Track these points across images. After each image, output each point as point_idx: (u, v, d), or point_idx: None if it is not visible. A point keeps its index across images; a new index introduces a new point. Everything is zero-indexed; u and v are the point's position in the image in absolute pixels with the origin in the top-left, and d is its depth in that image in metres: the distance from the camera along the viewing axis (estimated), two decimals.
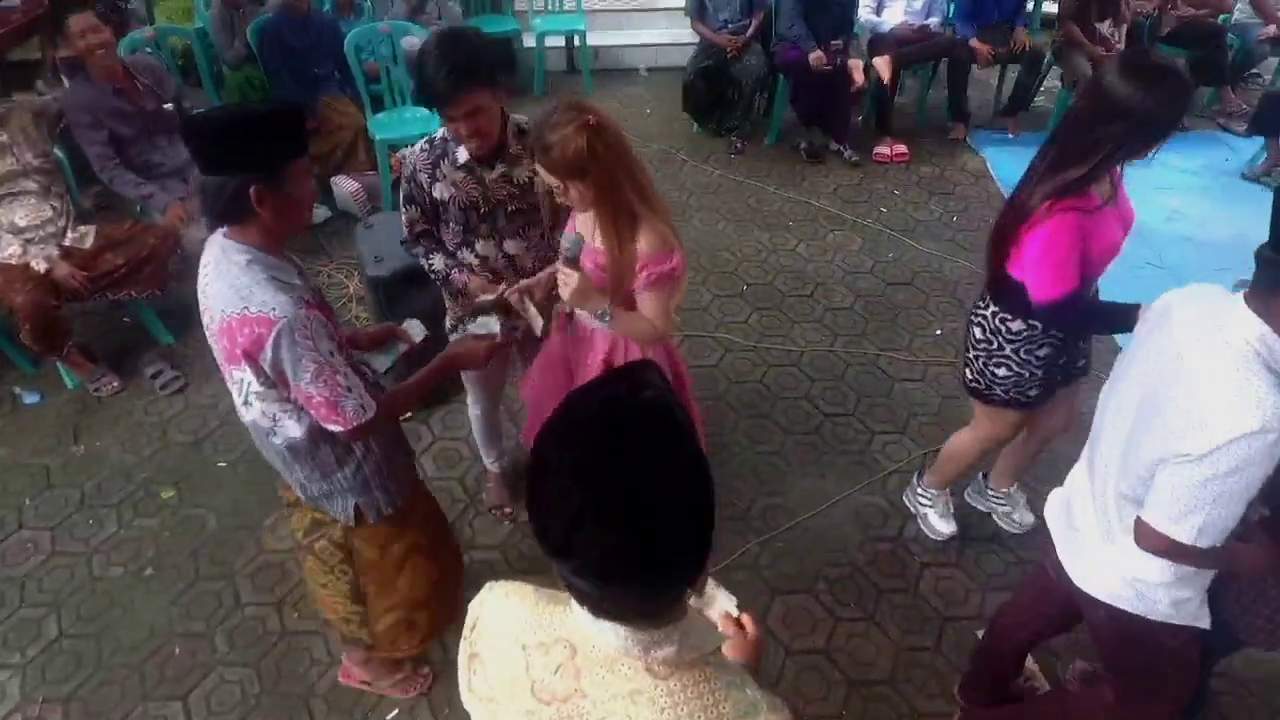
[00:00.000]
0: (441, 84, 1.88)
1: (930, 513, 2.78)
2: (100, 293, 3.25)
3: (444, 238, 2.29)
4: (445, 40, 1.93)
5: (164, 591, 2.64)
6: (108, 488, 2.99)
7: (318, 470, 1.77)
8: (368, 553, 1.95)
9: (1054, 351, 2.23)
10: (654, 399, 0.83)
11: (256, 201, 1.51)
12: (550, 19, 5.85)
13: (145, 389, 3.39)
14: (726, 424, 3.22)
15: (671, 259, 1.83)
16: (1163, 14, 5.41)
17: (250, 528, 2.82)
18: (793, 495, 2.93)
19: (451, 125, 2.00)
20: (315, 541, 1.92)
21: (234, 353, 1.56)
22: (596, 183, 1.74)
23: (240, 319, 1.52)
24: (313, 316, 1.56)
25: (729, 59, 4.97)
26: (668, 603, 0.88)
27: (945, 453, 2.66)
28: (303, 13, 4.24)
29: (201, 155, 1.53)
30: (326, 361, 1.56)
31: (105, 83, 3.39)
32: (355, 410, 1.61)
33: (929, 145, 5.23)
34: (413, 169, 2.17)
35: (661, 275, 1.84)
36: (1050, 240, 1.95)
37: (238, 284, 1.54)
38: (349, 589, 1.98)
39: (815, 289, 3.97)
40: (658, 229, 1.82)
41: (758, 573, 2.67)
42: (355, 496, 1.84)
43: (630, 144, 1.82)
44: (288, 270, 1.61)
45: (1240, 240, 3.58)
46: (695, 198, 4.70)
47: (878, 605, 2.58)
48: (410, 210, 2.24)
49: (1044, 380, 2.28)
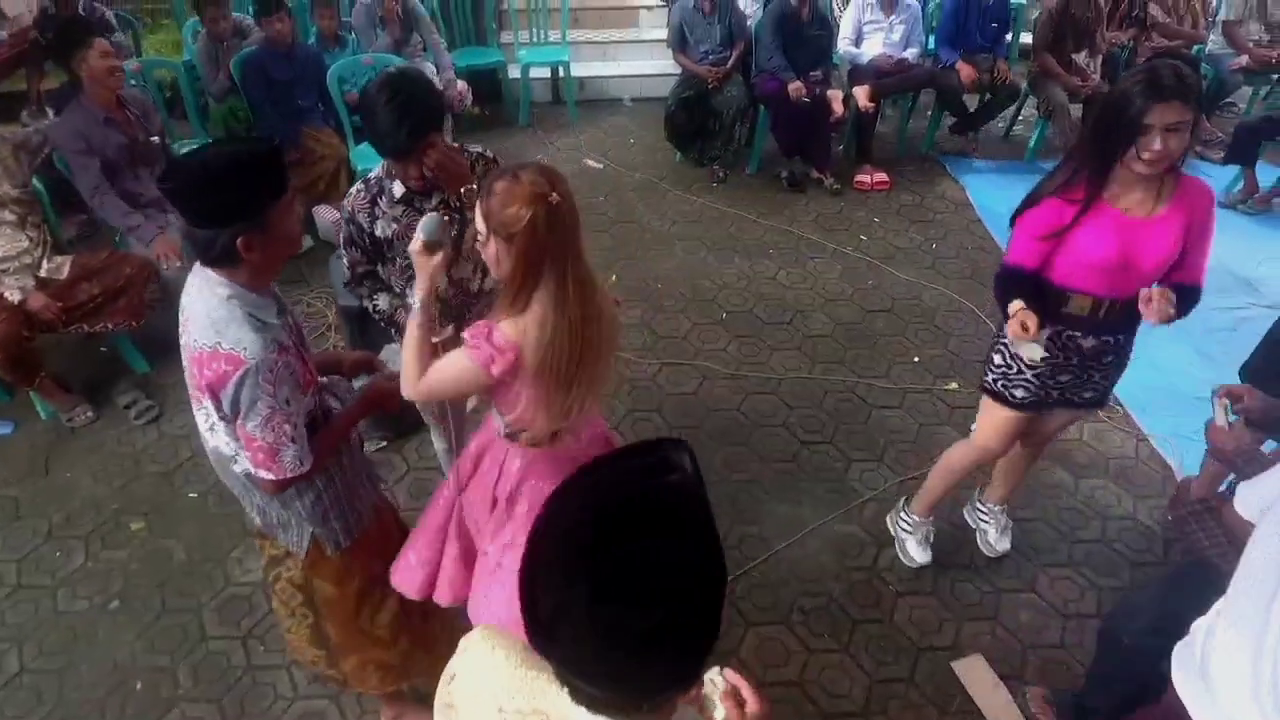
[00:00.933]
0: (404, 139, 1.91)
1: (909, 539, 2.77)
2: (76, 324, 3.23)
3: (389, 276, 2.29)
4: (393, 93, 1.92)
5: (129, 625, 2.60)
6: (77, 519, 2.96)
7: (277, 499, 1.75)
8: (325, 589, 1.90)
9: (1049, 356, 2.18)
10: (680, 483, 0.79)
11: (245, 249, 1.51)
12: (535, 50, 5.92)
13: (119, 418, 3.37)
14: (704, 452, 3.20)
15: (504, 355, 1.55)
16: (1138, 45, 5.49)
17: (219, 560, 2.79)
18: (769, 524, 2.91)
19: (404, 168, 2.01)
20: (275, 582, 1.89)
21: (201, 383, 1.55)
22: (520, 256, 1.53)
23: (211, 353, 1.51)
24: (281, 361, 1.55)
25: (710, 90, 5.02)
26: (664, 698, 0.85)
27: (935, 470, 2.65)
28: (286, 45, 4.28)
29: (187, 210, 1.51)
30: (280, 409, 1.55)
31: (98, 110, 3.40)
32: (292, 462, 1.60)
33: (909, 173, 5.28)
34: (351, 211, 2.17)
35: (477, 353, 1.57)
36: (1026, 214, 2.09)
37: (214, 316, 1.53)
38: (309, 632, 1.94)
39: (795, 316, 3.98)
40: (526, 327, 1.55)
41: (732, 604, 2.64)
42: (313, 527, 1.81)
43: (579, 234, 1.60)
44: (268, 308, 1.60)
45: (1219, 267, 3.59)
46: (677, 226, 4.73)
47: (852, 636, 2.55)
48: (351, 252, 2.24)
49: (1033, 385, 2.27)
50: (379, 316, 2.31)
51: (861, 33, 5.10)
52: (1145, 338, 2.28)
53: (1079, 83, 5.03)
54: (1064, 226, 2.01)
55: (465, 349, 1.60)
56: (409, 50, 5.00)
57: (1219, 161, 5.33)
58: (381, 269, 2.29)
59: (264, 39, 4.30)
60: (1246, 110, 5.89)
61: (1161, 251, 2.00)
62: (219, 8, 4.44)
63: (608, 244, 4.55)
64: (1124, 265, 2.01)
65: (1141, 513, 2.96)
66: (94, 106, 3.37)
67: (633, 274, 4.29)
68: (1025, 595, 2.67)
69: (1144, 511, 2.96)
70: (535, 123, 5.93)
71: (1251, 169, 4.83)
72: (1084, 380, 2.29)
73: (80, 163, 3.35)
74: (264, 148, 1.55)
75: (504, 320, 1.58)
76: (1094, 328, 2.16)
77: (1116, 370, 2.32)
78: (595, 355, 1.63)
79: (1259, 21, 5.45)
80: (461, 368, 1.61)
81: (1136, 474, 3.12)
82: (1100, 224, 1.99)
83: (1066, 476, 3.09)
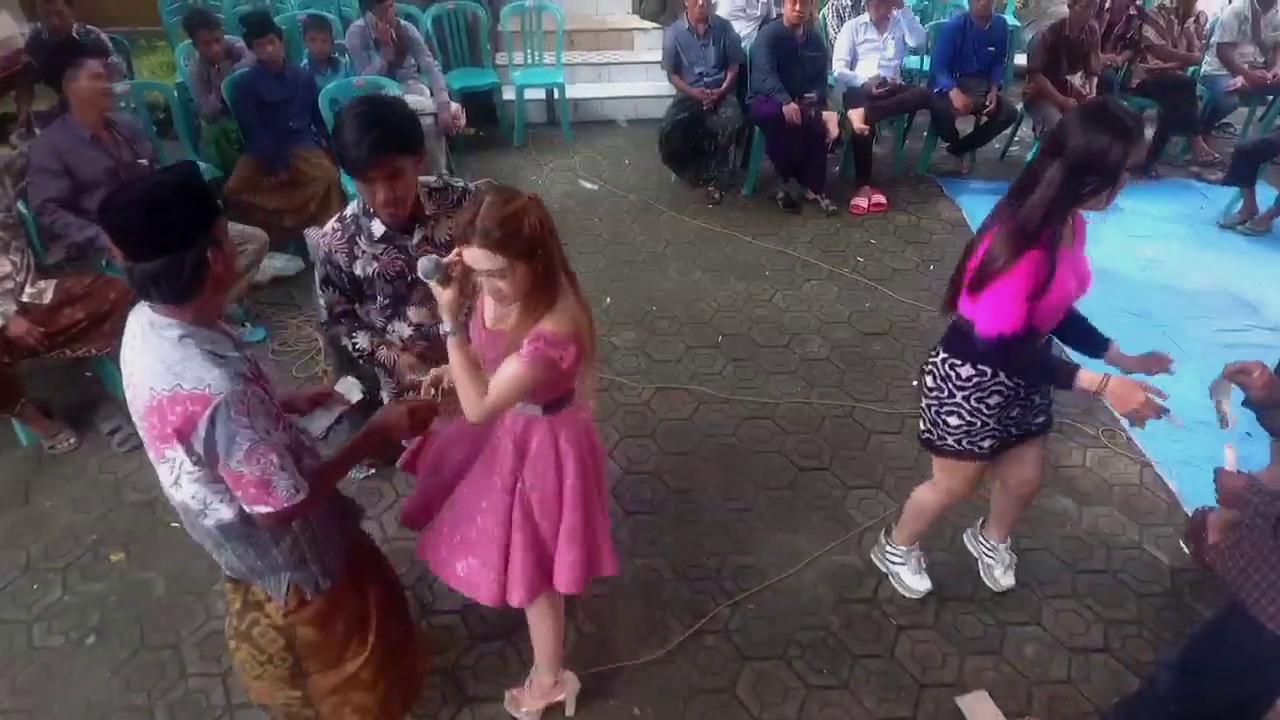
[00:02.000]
0: (365, 151, 1.85)
1: (902, 570, 2.70)
2: (58, 349, 3.17)
3: (367, 314, 2.23)
4: (366, 109, 1.89)
5: (106, 661, 2.51)
6: (55, 550, 2.87)
7: (252, 549, 1.68)
8: (308, 634, 1.83)
9: (1004, 400, 2.18)
10: None
11: (215, 263, 1.46)
12: (529, 72, 5.91)
13: (101, 445, 3.30)
14: (698, 479, 3.14)
15: (568, 350, 1.69)
16: (1133, 66, 5.50)
17: (199, 593, 2.71)
18: (765, 554, 2.83)
19: (368, 190, 1.94)
20: (252, 627, 1.81)
21: (165, 431, 1.47)
22: (545, 255, 1.64)
23: (171, 396, 1.44)
24: (251, 391, 1.48)
25: (705, 112, 5.01)
26: None
27: (908, 507, 2.60)
28: (278, 67, 4.25)
29: (126, 240, 1.43)
30: (262, 439, 1.48)
31: (84, 130, 3.36)
32: (288, 491, 1.53)
33: (905, 194, 5.26)
34: (328, 251, 2.11)
35: (543, 355, 1.66)
36: (1011, 278, 1.92)
37: (168, 360, 1.46)
38: (288, 674, 1.86)
39: (791, 339, 3.92)
40: (571, 313, 1.70)
41: (727, 637, 2.56)
42: (290, 573, 1.74)
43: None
44: (223, 342, 1.54)
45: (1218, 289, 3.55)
46: (672, 248, 4.69)
47: (852, 671, 2.47)
48: (328, 293, 2.18)
49: (996, 431, 2.24)
50: (358, 354, 2.25)
51: (856, 54, 5.09)
52: None
53: (1075, 104, 5.02)
54: (1043, 281, 1.92)
55: (521, 360, 1.68)
56: (402, 73, 4.98)
57: (1217, 182, 5.33)
58: (360, 307, 2.22)
59: (256, 61, 4.27)
60: (1243, 131, 5.89)
61: (1087, 271, 2.05)
62: (211, 31, 4.42)
63: (601, 265, 4.50)
64: (1078, 294, 2.05)
65: (1147, 541, 2.89)
66: (80, 126, 3.33)
67: (627, 296, 4.24)
68: (1030, 628, 2.59)
69: (1150, 540, 2.89)
70: (530, 144, 5.91)
71: (1251, 190, 4.81)
72: (1030, 406, 2.29)
73: (41, 181, 3.31)
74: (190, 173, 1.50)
75: (545, 323, 1.68)
76: None
77: (1048, 390, 2.33)
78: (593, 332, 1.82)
79: (1253, 43, 5.46)
80: (522, 377, 1.69)
81: (1141, 501, 3.05)
82: (1062, 265, 1.94)
83: (1070, 504, 3.02)
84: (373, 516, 2.95)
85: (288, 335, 3.93)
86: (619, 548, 2.37)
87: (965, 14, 5.13)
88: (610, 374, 3.66)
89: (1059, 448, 3.23)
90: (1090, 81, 5.15)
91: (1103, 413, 3.46)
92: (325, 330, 2.34)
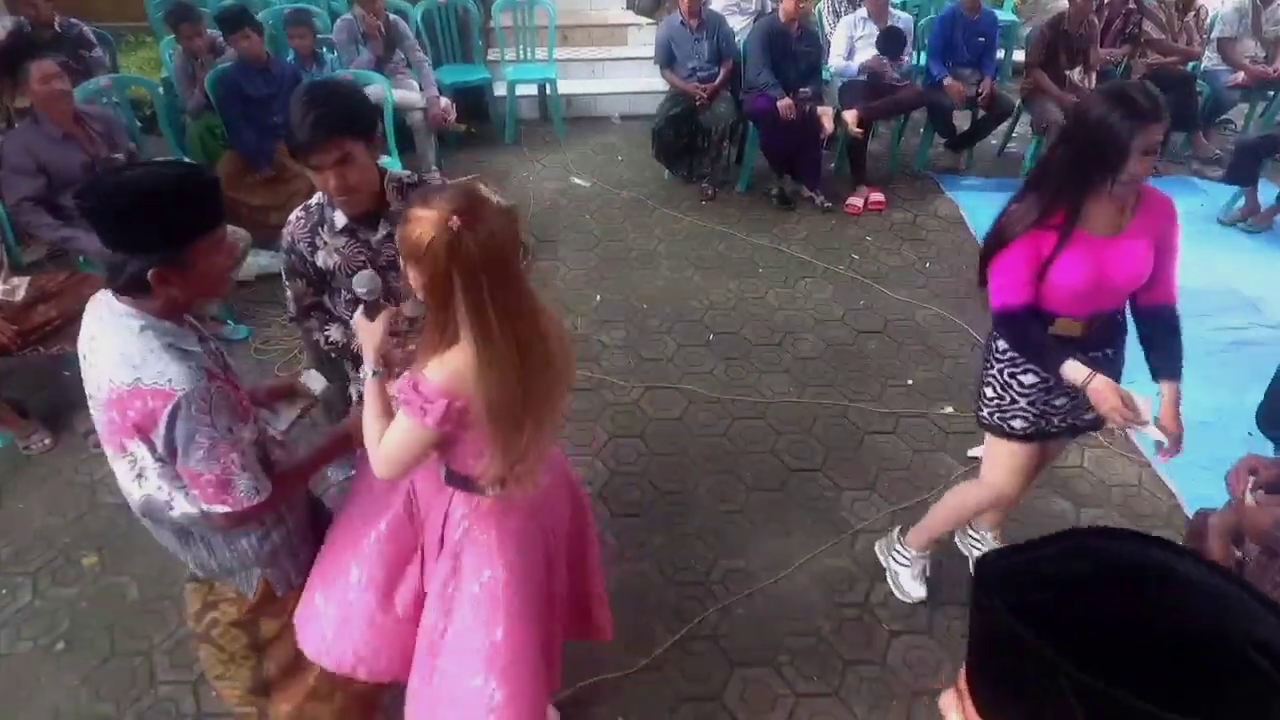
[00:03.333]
0: (307, 130, 1.74)
1: (904, 573, 2.62)
2: (31, 346, 3.10)
3: (334, 307, 2.15)
4: (312, 89, 1.81)
5: (74, 668, 2.44)
6: (26, 553, 2.80)
7: (221, 543, 1.62)
8: (271, 627, 1.78)
9: (1041, 382, 2.12)
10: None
11: (156, 283, 1.39)
12: (521, 68, 5.83)
13: (77, 446, 3.22)
14: (689, 480, 3.06)
15: (434, 405, 1.41)
16: (1132, 61, 5.43)
17: (173, 598, 2.63)
18: (755, 557, 2.76)
19: (319, 177, 1.85)
20: (211, 628, 1.75)
21: (125, 426, 1.41)
22: (424, 284, 1.40)
23: (132, 390, 1.39)
24: (214, 388, 1.42)
25: (698, 107, 4.93)
26: None
27: (945, 504, 2.48)
28: (260, 61, 4.18)
29: (102, 231, 1.39)
30: (222, 438, 1.42)
31: (55, 129, 3.30)
32: (247, 491, 1.47)
33: (902, 191, 5.19)
34: (291, 240, 2.03)
35: (409, 408, 1.44)
36: (1009, 249, 1.98)
37: (128, 351, 1.40)
38: (249, 677, 1.80)
39: (784, 338, 3.85)
40: (456, 368, 1.41)
41: (715, 643, 2.49)
42: (261, 569, 1.70)
43: (508, 261, 1.43)
44: (186, 336, 1.47)
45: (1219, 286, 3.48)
46: (665, 245, 4.61)
47: (843, 679, 2.40)
48: (295, 284, 2.10)
49: (1030, 413, 2.17)
50: (332, 349, 2.17)
51: (854, 48, 5.02)
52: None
53: (1073, 99, 4.95)
54: (1046, 259, 1.94)
55: (402, 408, 1.46)
56: (391, 67, 4.91)
57: (1218, 179, 5.26)
58: (328, 299, 2.15)
59: (239, 55, 4.20)
60: (1244, 126, 5.82)
61: (1132, 268, 2.00)
62: (194, 24, 4.34)
63: (593, 263, 4.43)
64: (1098, 286, 1.99)
65: None
66: (51, 124, 3.27)
67: (617, 294, 4.16)
68: None
69: None
70: (522, 140, 5.84)
71: (1253, 188, 4.74)
72: (1082, 399, 2.16)
73: (14, 181, 3.26)
74: (200, 176, 1.43)
75: (430, 363, 1.44)
76: (1080, 344, 2.09)
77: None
78: (545, 389, 1.48)
79: (1254, 38, 5.39)
80: (404, 428, 1.47)
81: (1140, 503, 2.98)
82: (1072, 251, 1.92)
83: (1067, 506, 2.95)
84: None
85: (271, 333, 3.86)
86: (606, 552, 2.30)
87: (955, 5, 5.07)
88: (599, 372, 3.59)
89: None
90: (1089, 76, 5.08)
91: None
92: (296, 325, 2.26)
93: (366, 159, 1.88)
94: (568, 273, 4.32)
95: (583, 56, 6.43)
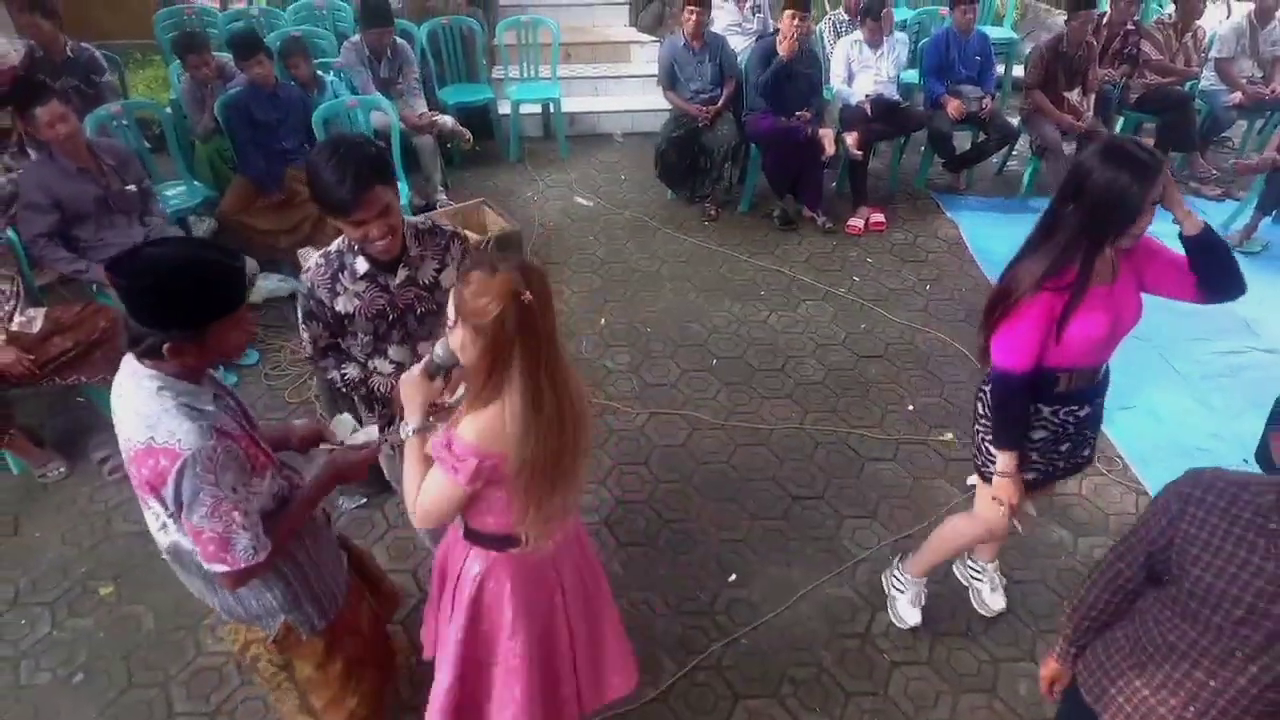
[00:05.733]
0: (348, 189, 1.80)
1: (900, 599, 2.69)
2: (49, 377, 3.15)
3: (350, 349, 2.21)
4: (333, 149, 1.85)
5: (93, 700, 2.50)
6: (44, 583, 2.86)
7: (244, 591, 1.68)
8: (305, 669, 1.86)
9: (1050, 435, 2.18)
10: None
11: (171, 354, 1.46)
12: (525, 86, 5.89)
13: (92, 473, 3.28)
14: (692, 509, 3.12)
15: (464, 464, 1.49)
16: (1130, 81, 5.47)
17: (190, 628, 2.69)
18: (758, 587, 2.81)
19: (361, 230, 1.91)
20: (256, 661, 1.83)
21: (141, 482, 1.48)
22: (485, 350, 1.46)
23: (145, 449, 1.45)
24: (221, 447, 1.48)
25: (701, 128, 4.98)
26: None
27: (940, 534, 2.55)
28: (270, 86, 4.23)
29: (127, 303, 1.46)
30: (225, 497, 1.48)
31: (69, 163, 3.36)
32: (245, 551, 1.52)
33: (903, 211, 5.24)
34: (311, 286, 2.09)
35: (443, 459, 1.52)
36: (1018, 314, 1.99)
37: (144, 411, 1.46)
38: (297, 703, 1.90)
39: (786, 362, 3.90)
40: (496, 425, 1.48)
41: (720, 674, 2.55)
42: (285, 614, 1.76)
43: (555, 329, 1.53)
44: (202, 394, 1.53)
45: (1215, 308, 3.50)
46: (668, 267, 4.66)
47: (845, 710, 2.45)
48: (312, 327, 2.16)
49: (1040, 465, 2.24)
50: (349, 388, 2.23)
51: (852, 71, 5.07)
52: (1146, 389, 2.25)
53: (1072, 120, 5.00)
54: (1059, 318, 1.97)
55: (437, 465, 1.53)
56: (397, 89, 4.96)
57: (1214, 198, 5.32)
58: (343, 341, 2.21)
59: (248, 81, 4.25)
60: (1240, 146, 5.87)
61: (1133, 307, 2.05)
62: (200, 54, 4.39)
63: (597, 285, 4.48)
64: (1113, 333, 2.05)
65: None
66: (64, 160, 3.33)
67: (621, 317, 4.22)
68: (1024, 665, 2.57)
69: None
70: (526, 158, 5.89)
71: (1260, 213, 4.77)
72: (1080, 442, 2.27)
73: (31, 217, 3.32)
74: (226, 264, 1.48)
75: (464, 421, 1.50)
76: (1089, 396, 2.16)
77: (1099, 422, 2.30)
78: (574, 454, 1.56)
79: (1251, 58, 5.44)
80: (439, 484, 1.55)
81: None
82: (1089, 304, 1.95)
83: (1066, 535, 3.00)
84: (364, 546, 2.93)
85: (280, 358, 3.91)
86: (613, 582, 2.36)
87: (949, 26, 5.13)
88: (604, 398, 3.64)
89: None
90: (1087, 98, 5.13)
91: (1099, 439, 3.43)
92: (312, 364, 2.32)
93: (398, 204, 1.95)
94: (572, 295, 4.38)
95: (585, 74, 6.48)
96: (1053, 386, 2.09)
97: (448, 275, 2.14)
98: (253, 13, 5.81)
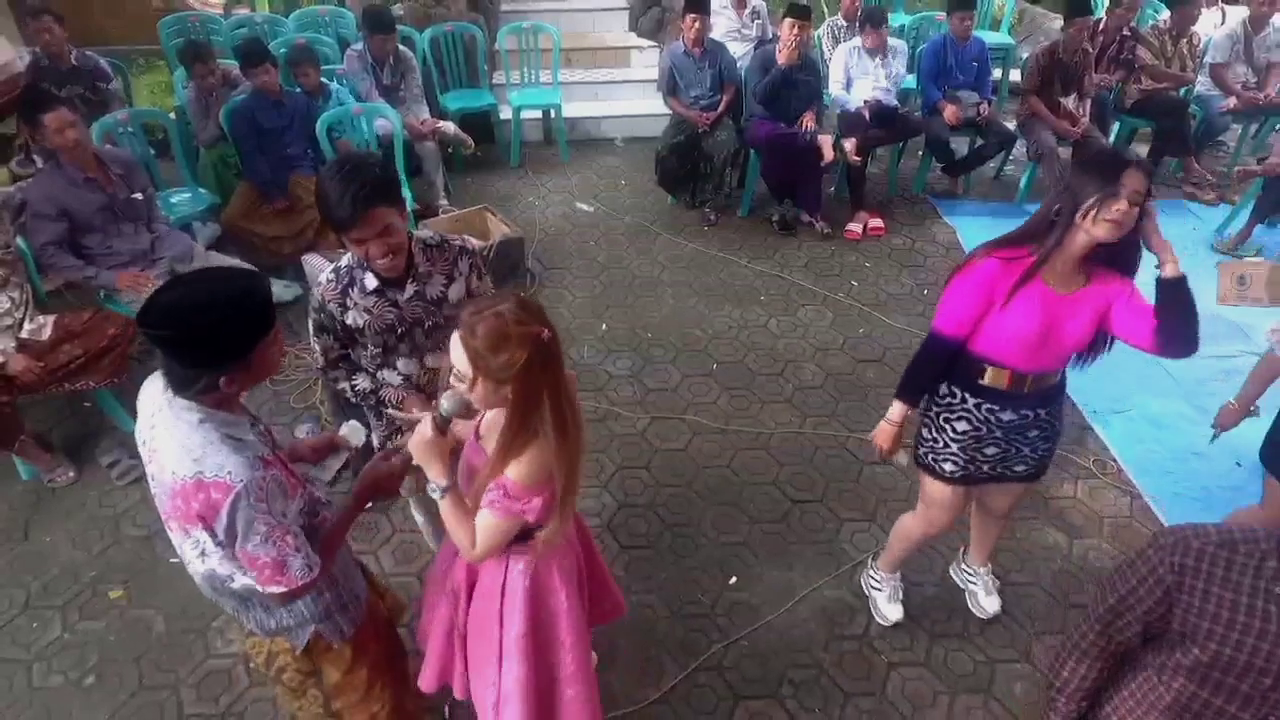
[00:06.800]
0: (348, 207, 1.85)
1: (879, 596, 2.75)
2: (58, 384, 3.19)
3: (360, 360, 2.27)
4: (340, 168, 1.90)
5: (104, 703, 2.54)
6: (54, 587, 2.90)
7: (280, 608, 1.72)
8: (332, 675, 1.90)
9: (974, 430, 2.20)
10: None
11: (228, 386, 1.48)
12: (526, 92, 5.94)
13: (101, 478, 3.32)
14: (694, 513, 3.16)
15: (530, 500, 1.61)
16: (1126, 86, 5.53)
17: (200, 630, 2.73)
18: (758, 590, 2.86)
19: (362, 248, 1.96)
20: (281, 673, 1.87)
21: (189, 514, 1.48)
22: (519, 399, 1.53)
23: (195, 483, 1.45)
24: (269, 476, 1.50)
25: (701, 134, 5.03)
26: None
27: (893, 533, 2.66)
28: (275, 94, 4.28)
29: (173, 352, 1.45)
30: (279, 523, 1.51)
31: (77, 172, 3.40)
32: (301, 570, 1.57)
33: (900, 216, 5.28)
34: (321, 300, 2.14)
35: (505, 512, 1.62)
36: (963, 274, 2.05)
37: (189, 444, 1.47)
38: (320, 710, 1.94)
39: (786, 367, 3.95)
40: (542, 461, 1.58)
41: (721, 675, 2.59)
42: (315, 624, 1.79)
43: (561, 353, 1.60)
44: (240, 424, 1.55)
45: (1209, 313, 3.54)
46: (668, 272, 4.71)
47: (844, 710, 2.50)
48: (323, 339, 2.21)
49: (960, 459, 2.25)
50: (359, 398, 2.27)
51: (850, 77, 5.12)
52: (1139, 393, 2.27)
53: (1068, 126, 5.06)
54: (1000, 301, 1.99)
55: (491, 510, 1.62)
56: (400, 95, 5.01)
57: (1208, 203, 5.37)
58: (353, 351, 2.26)
59: (254, 88, 4.30)
60: (1235, 151, 5.92)
61: (1080, 330, 2.00)
62: (205, 64, 4.43)
63: (597, 291, 4.53)
64: (1044, 340, 2.02)
65: None
66: (72, 169, 3.37)
67: (622, 322, 4.26)
68: (1019, 666, 2.62)
69: None
70: (526, 164, 5.94)
71: (1256, 218, 4.82)
72: (1012, 454, 2.27)
73: (40, 226, 3.36)
74: (258, 288, 1.49)
75: (509, 469, 1.58)
76: (1012, 401, 2.15)
77: (1045, 443, 2.27)
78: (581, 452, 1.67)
79: (1245, 64, 5.49)
80: (497, 525, 1.64)
81: (1131, 534, 3.08)
82: (1029, 297, 1.97)
83: (1060, 538, 3.05)
84: (369, 551, 2.98)
85: (285, 364, 3.95)
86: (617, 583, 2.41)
87: (945, 33, 5.19)
88: (607, 403, 3.69)
89: (1050, 478, 3.25)
90: (1084, 103, 5.18)
91: (1093, 442, 3.49)
92: (323, 375, 2.37)
93: (401, 224, 1.99)
94: (573, 300, 4.42)
95: (586, 79, 6.52)
96: (977, 376, 2.12)
97: (455, 289, 2.19)
98: (257, 20, 5.85)
